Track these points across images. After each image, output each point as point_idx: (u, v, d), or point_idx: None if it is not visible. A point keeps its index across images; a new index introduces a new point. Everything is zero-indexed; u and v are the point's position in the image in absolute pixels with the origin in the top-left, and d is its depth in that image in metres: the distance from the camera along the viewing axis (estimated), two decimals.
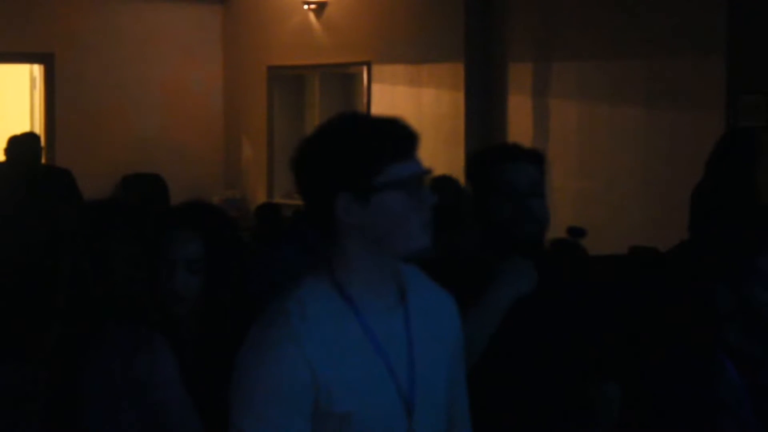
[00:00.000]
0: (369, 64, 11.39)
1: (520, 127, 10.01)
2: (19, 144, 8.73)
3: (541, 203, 3.51)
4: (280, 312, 2.41)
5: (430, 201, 2.43)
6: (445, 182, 6.72)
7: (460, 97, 10.43)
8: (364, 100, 11.50)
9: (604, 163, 9.37)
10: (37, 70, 12.37)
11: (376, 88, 11.36)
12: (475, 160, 3.65)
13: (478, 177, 3.57)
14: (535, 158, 3.55)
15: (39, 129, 12.05)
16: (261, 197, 12.10)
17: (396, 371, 2.45)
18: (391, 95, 11.19)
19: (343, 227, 2.41)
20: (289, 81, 12.56)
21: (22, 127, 10.79)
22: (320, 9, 11.84)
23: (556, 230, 5.67)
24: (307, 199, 2.46)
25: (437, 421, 2.55)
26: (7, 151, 8.72)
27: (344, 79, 12.20)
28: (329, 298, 2.43)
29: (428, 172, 2.46)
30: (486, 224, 3.51)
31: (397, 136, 2.45)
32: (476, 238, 3.60)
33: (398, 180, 2.39)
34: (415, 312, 2.51)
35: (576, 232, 7.39)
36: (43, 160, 9.02)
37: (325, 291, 2.44)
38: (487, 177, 3.53)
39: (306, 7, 11.90)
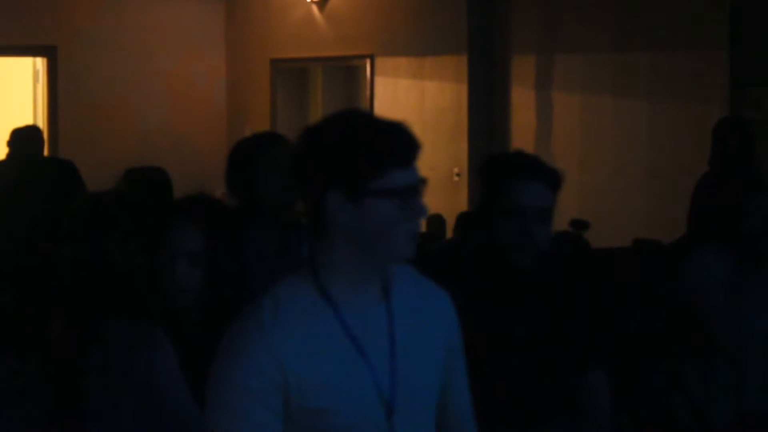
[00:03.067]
0: (372, 57, 11.38)
1: (523, 121, 10.00)
2: (22, 137, 8.72)
3: (544, 230, 3.43)
4: (254, 307, 2.43)
5: (422, 213, 2.40)
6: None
7: (463, 89, 10.42)
8: (367, 93, 11.50)
9: (608, 156, 9.37)
10: (40, 63, 12.37)
11: (379, 81, 11.35)
12: (488, 168, 3.57)
13: (488, 186, 3.49)
14: (552, 179, 3.45)
15: (42, 122, 12.05)
16: None
17: (376, 369, 2.43)
18: (394, 88, 11.18)
19: (331, 225, 2.39)
20: (292, 74, 12.55)
21: (25, 120, 10.79)
22: (323, 2, 11.83)
23: (559, 223, 5.66)
24: (301, 192, 2.45)
25: (423, 423, 2.52)
26: (10, 144, 8.71)
27: (347, 71, 12.20)
28: (307, 294, 2.42)
29: (424, 182, 2.42)
30: (484, 239, 3.47)
31: (400, 143, 2.40)
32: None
33: (394, 188, 2.36)
34: (400, 309, 2.48)
35: (579, 225, 7.40)
36: (46, 154, 9.01)
37: (303, 287, 2.43)
38: (496, 190, 3.45)
39: (309, 0, 11.90)
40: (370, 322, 2.44)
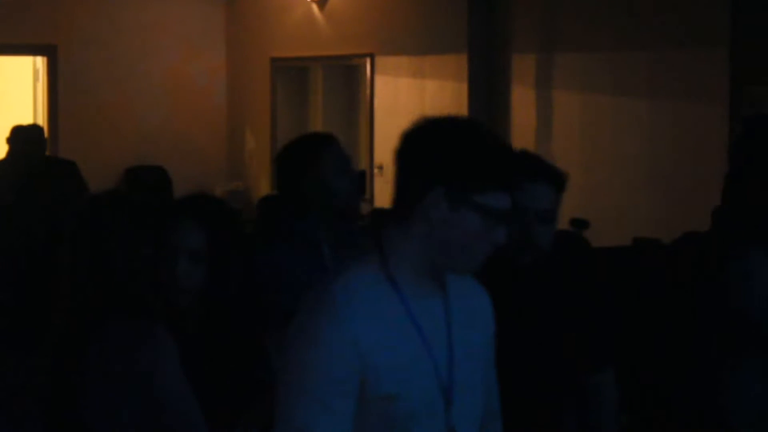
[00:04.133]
0: (372, 56, 11.38)
1: (523, 119, 10.00)
2: (24, 136, 8.71)
3: (546, 231, 3.43)
4: (325, 295, 2.46)
5: (500, 239, 2.47)
6: None
7: (463, 88, 10.42)
8: (367, 92, 11.50)
9: (608, 155, 9.36)
10: (40, 62, 12.37)
11: (379, 79, 11.35)
12: None
13: None
14: (555, 179, 3.45)
15: (42, 121, 12.05)
16: (264, 189, 12.10)
17: (436, 359, 2.49)
18: (394, 87, 11.18)
19: (419, 218, 2.45)
20: (292, 73, 12.55)
21: (25, 119, 10.79)
22: (323, 1, 11.83)
23: (559, 222, 5.66)
24: (403, 178, 2.49)
25: (474, 410, 2.59)
26: (11, 142, 8.70)
27: (347, 70, 12.20)
28: (375, 282, 2.48)
29: (511, 212, 2.49)
30: None
31: (511, 168, 2.48)
32: None
33: (490, 208, 2.44)
34: (454, 300, 2.56)
35: (579, 224, 7.40)
36: (47, 153, 9.01)
37: (371, 274, 2.48)
38: None
39: None
40: (431, 312, 2.51)
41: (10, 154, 8.72)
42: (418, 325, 2.47)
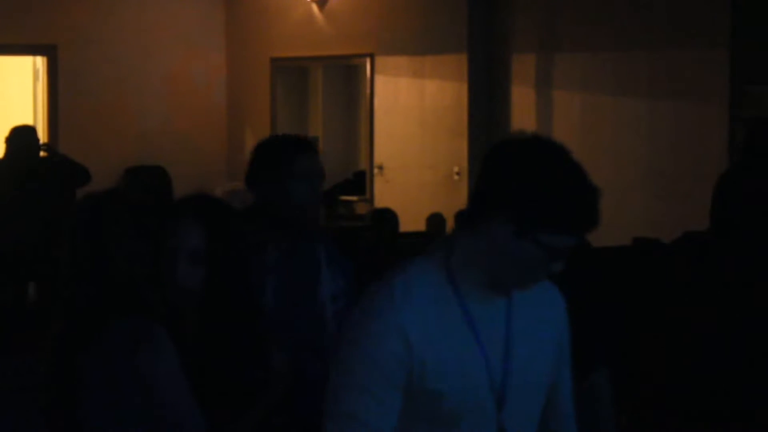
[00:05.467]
0: (372, 56, 11.39)
1: (523, 119, 10.00)
2: (19, 137, 8.71)
3: None
4: (385, 286, 2.49)
5: (557, 270, 2.49)
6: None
7: (463, 88, 10.42)
8: (367, 92, 11.50)
9: (608, 154, 9.36)
10: (40, 62, 12.37)
11: (379, 79, 11.35)
12: None
13: None
14: None
15: (42, 121, 12.06)
16: None
17: (490, 359, 2.50)
18: (394, 87, 11.19)
19: (485, 234, 2.46)
20: (292, 73, 12.56)
21: (25, 119, 10.79)
22: (323, 1, 11.83)
23: None
24: (480, 190, 2.48)
25: (530, 415, 2.58)
26: (8, 141, 8.71)
27: (347, 70, 12.20)
28: (436, 280, 2.49)
29: (575, 245, 2.49)
30: None
31: (586, 218, 2.49)
32: None
33: (553, 248, 2.44)
34: (519, 304, 2.56)
35: None
36: (43, 153, 9.00)
37: (433, 273, 2.50)
38: None
39: None
40: (490, 313, 2.52)
41: (7, 154, 8.73)
42: (473, 326, 2.49)
